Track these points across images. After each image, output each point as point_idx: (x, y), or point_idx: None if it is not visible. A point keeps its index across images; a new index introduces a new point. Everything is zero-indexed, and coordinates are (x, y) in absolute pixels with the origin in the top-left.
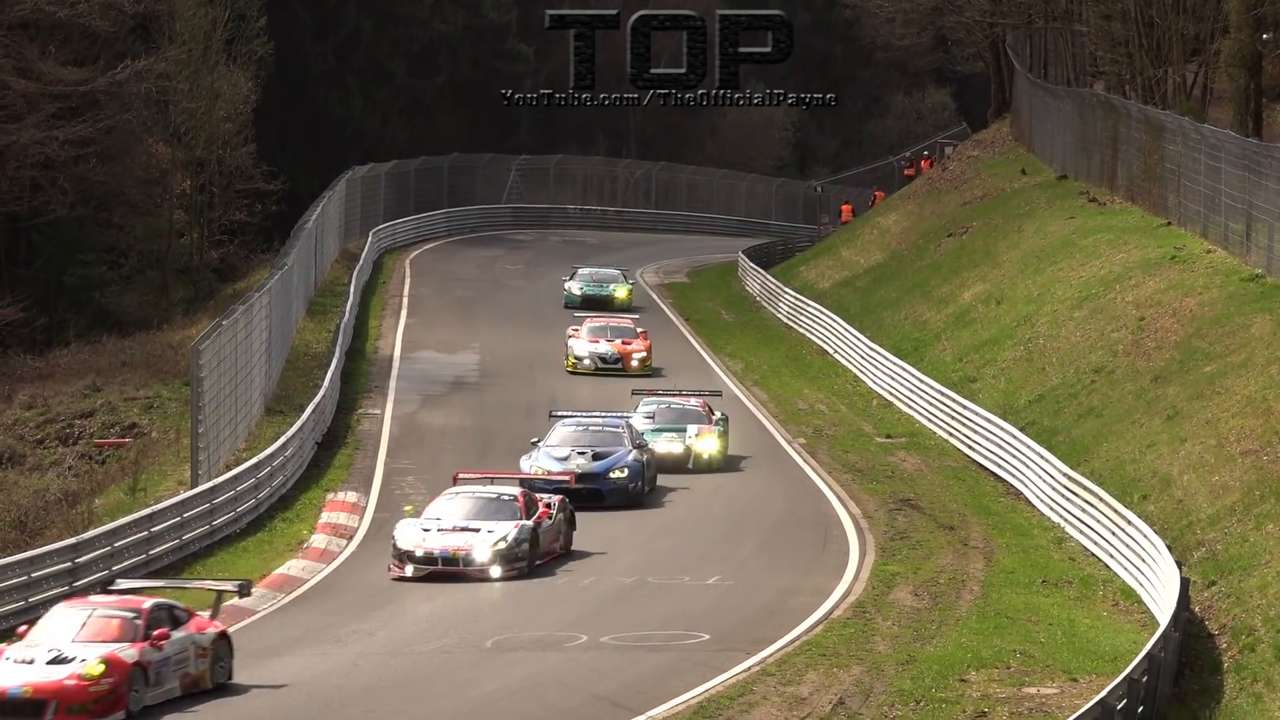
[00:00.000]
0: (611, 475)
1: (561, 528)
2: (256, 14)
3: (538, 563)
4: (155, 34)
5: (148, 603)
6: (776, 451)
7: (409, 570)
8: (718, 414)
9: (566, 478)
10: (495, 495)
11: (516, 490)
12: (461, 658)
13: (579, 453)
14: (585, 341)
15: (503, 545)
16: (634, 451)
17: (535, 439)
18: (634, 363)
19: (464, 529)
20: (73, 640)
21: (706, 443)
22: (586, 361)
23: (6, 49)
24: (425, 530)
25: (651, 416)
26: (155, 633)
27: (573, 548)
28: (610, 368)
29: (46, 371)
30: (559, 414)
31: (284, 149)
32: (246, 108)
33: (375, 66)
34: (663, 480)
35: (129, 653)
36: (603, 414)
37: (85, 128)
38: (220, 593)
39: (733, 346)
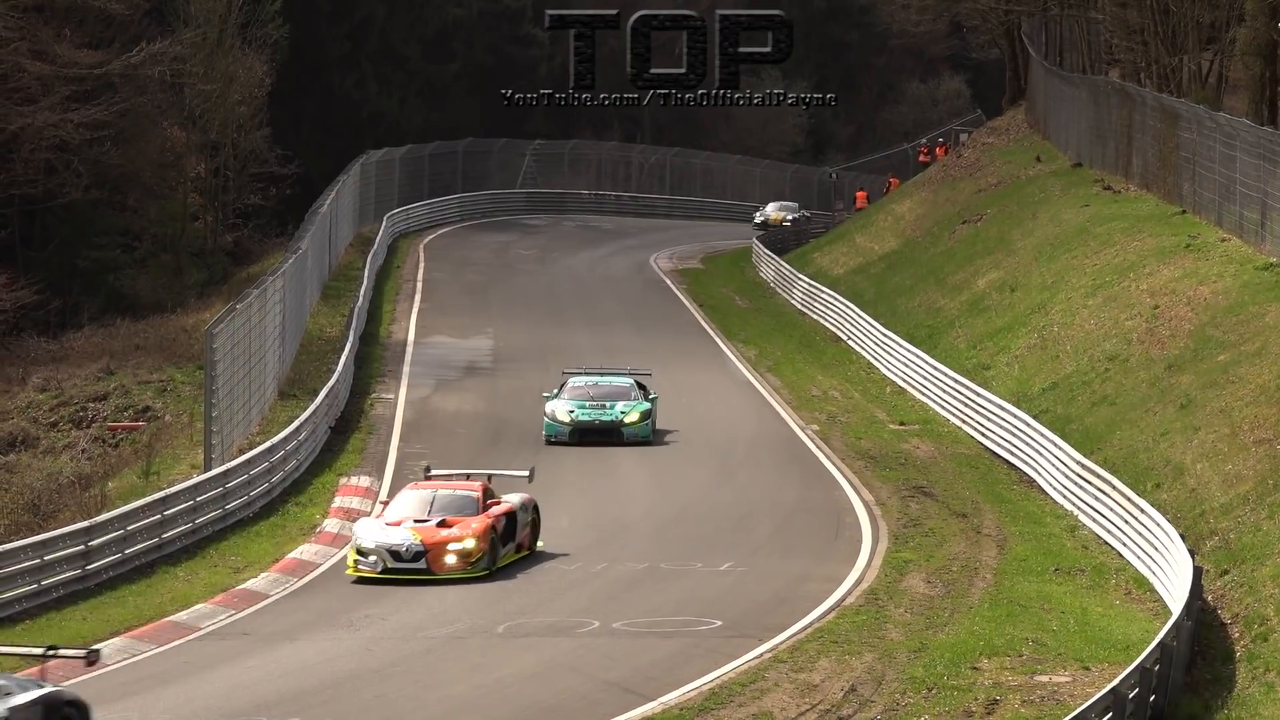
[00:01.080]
0: None
1: None
2: None
3: None
4: (170, 17)
5: None
6: (789, 438)
7: None
8: None
9: None
10: None
11: None
12: (473, 643)
13: None
14: (381, 524)
15: None
16: None
17: None
18: (448, 560)
19: None
20: None
21: None
22: (372, 559)
23: (22, 31)
24: None
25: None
26: None
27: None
28: (406, 568)
29: (60, 354)
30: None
31: (298, 133)
32: (261, 91)
33: (390, 51)
34: (670, 462)
35: None
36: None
37: (100, 111)
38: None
39: (746, 333)
